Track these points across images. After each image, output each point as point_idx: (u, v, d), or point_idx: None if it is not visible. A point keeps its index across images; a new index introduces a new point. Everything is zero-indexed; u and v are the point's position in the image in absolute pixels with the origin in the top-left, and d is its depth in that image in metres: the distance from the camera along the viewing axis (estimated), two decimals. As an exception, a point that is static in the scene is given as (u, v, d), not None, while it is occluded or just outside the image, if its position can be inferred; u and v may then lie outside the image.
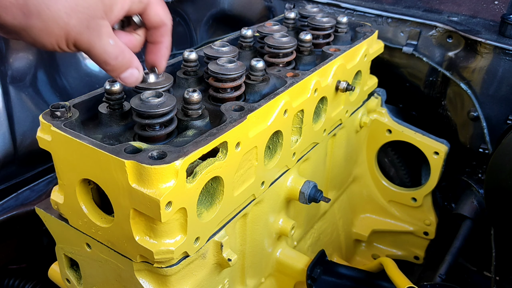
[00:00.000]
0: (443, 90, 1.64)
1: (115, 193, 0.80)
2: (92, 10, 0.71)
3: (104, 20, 0.73)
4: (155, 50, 0.86)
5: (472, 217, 1.58)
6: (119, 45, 0.77)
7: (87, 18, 0.71)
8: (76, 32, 0.70)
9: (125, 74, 0.80)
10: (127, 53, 0.78)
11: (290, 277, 1.25)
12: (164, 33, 0.84)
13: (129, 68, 0.80)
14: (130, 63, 0.79)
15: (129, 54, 0.79)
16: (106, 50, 0.75)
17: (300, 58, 1.24)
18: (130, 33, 0.84)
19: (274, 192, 1.12)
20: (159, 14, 0.82)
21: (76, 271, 1.06)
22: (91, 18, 0.71)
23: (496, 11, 1.57)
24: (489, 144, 1.50)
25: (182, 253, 0.85)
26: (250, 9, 2.00)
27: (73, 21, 0.69)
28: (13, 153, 1.41)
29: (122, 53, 0.77)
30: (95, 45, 0.73)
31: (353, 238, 1.78)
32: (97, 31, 0.72)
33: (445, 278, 1.49)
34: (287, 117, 1.04)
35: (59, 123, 0.85)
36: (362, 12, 1.70)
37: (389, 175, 1.80)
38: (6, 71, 1.44)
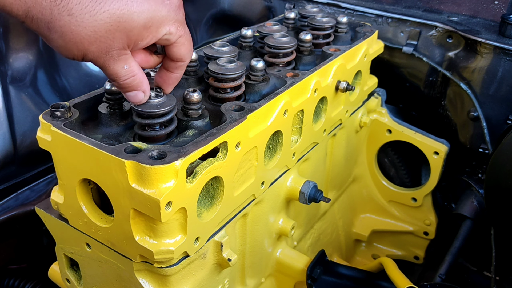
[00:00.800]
0: (443, 90, 1.64)
1: (115, 193, 0.80)
2: (115, 42, 0.73)
3: (125, 50, 0.75)
4: (165, 76, 0.88)
5: (472, 217, 1.58)
6: (132, 69, 0.79)
7: (107, 47, 0.73)
8: (93, 56, 0.73)
9: (131, 94, 0.82)
10: (138, 77, 0.80)
11: (290, 277, 1.25)
12: (179, 66, 0.86)
13: (136, 90, 0.82)
14: (138, 86, 0.81)
15: (139, 79, 0.80)
16: (118, 73, 0.77)
17: (300, 58, 1.24)
18: (150, 54, 0.85)
19: (274, 192, 1.12)
20: (181, 53, 0.83)
21: (76, 271, 1.06)
22: (112, 48, 0.73)
23: (496, 11, 1.57)
24: (489, 144, 1.50)
25: (182, 253, 0.85)
26: (250, 9, 2.00)
27: (93, 48, 0.71)
28: (13, 153, 1.41)
29: (132, 77, 0.79)
30: (109, 67, 0.76)
31: (353, 238, 1.78)
32: (114, 58, 0.75)
33: (445, 278, 1.49)
34: (287, 117, 1.04)
35: (59, 123, 0.85)
36: (362, 12, 1.70)
37: (389, 175, 1.80)
38: (6, 71, 1.44)
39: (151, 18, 0.74)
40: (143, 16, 0.73)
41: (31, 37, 1.50)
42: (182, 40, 0.82)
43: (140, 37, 0.75)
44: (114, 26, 0.71)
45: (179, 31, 0.80)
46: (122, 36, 0.72)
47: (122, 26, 0.71)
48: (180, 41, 0.81)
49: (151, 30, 0.75)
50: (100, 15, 0.69)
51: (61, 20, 0.68)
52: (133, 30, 0.73)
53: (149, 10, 0.73)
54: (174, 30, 0.78)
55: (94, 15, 0.69)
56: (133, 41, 0.75)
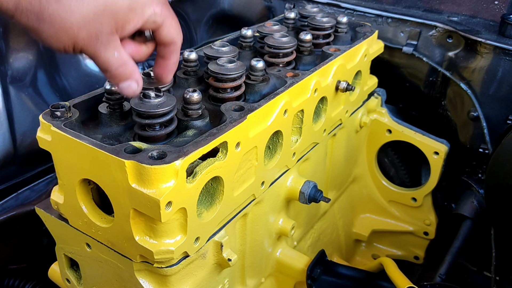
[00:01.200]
0: (443, 90, 1.64)
1: (115, 193, 0.80)
2: (103, 26, 0.74)
3: (113, 35, 0.76)
4: (162, 64, 0.88)
5: (472, 217, 1.58)
6: (123, 57, 0.79)
7: (96, 33, 0.73)
8: (83, 43, 0.74)
9: (123, 85, 0.82)
10: (130, 66, 0.81)
11: (290, 277, 1.25)
12: (173, 50, 0.86)
13: (128, 79, 0.81)
14: (130, 75, 0.81)
15: (131, 67, 0.81)
16: (109, 61, 0.78)
17: (300, 58, 1.24)
18: (139, 44, 0.85)
19: (274, 192, 1.12)
20: (170, 35, 0.84)
21: (76, 271, 1.06)
22: (101, 33, 0.74)
23: (496, 11, 1.57)
24: (489, 144, 1.50)
25: (182, 253, 0.85)
26: (250, 9, 2.00)
27: (82, 33, 0.72)
28: (13, 153, 1.41)
29: (124, 65, 0.79)
30: (100, 55, 0.76)
31: (353, 238, 1.78)
32: (104, 44, 0.75)
33: (445, 278, 1.49)
34: (287, 117, 1.04)
35: (59, 123, 0.85)
36: (362, 12, 1.70)
37: (389, 175, 1.80)
38: (6, 71, 1.44)
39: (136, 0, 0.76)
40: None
41: (31, 37, 1.50)
42: (169, 21, 0.82)
43: (127, 19, 0.76)
44: (101, 9, 0.72)
45: (164, 11, 0.81)
46: (109, 20, 0.74)
47: (109, 9, 0.73)
48: (167, 22, 0.82)
49: (137, 12, 0.77)
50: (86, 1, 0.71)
51: (49, 8, 0.69)
52: (119, 13, 0.74)
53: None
54: (158, 11, 0.79)
55: (81, 1, 0.71)
56: (120, 25, 0.76)
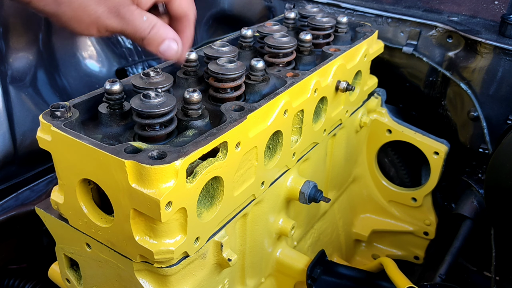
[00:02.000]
0: (443, 90, 1.64)
1: (115, 193, 0.80)
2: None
3: (133, 6, 0.76)
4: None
5: (472, 217, 1.58)
6: (152, 18, 0.78)
7: (116, 6, 0.73)
8: (105, 18, 0.73)
9: (163, 47, 0.81)
10: (162, 25, 0.79)
11: (290, 277, 1.25)
12: (186, 24, 0.87)
13: (166, 39, 0.80)
14: (166, 34, 0.80)
15: (163, 27, 0.80)
16: (140, 25, 0.76)
17: (300, 58, 1.24)
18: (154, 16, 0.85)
19: (274, 192, 1.12)
20: (183, 6, 0.84)
21: (76, 271, 1.06)
22: (120, 6, 0.73)
23: (496, 11, 1.57)
24: (489, 144, 1.50)
25: (182, 253, 0.85)
26: (250, 9, 2.00)
27: (101, 8, 0.72)
28: (13, 153, 1.42)
29: (155, 26, 0.78)
30: (128, 25, 0.75)
31: (353, 238, 1.78)
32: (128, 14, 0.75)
33: (445, 278, 1.49)
34: (287, 117, 1.04)
35: (59, 123, 0.85)
36: (362, 12, 1.70)
37: (389, 175, 1.80)
38: (6, 71, 1.44)
39: None
40: None
41: (31, 37, 1.50)
42: None
43: None
44: None
45: None
46: None
47: None
48: None
49: None
50: None
51: None
52: None
53: None
54: None
55: None
56: None
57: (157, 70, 0.97)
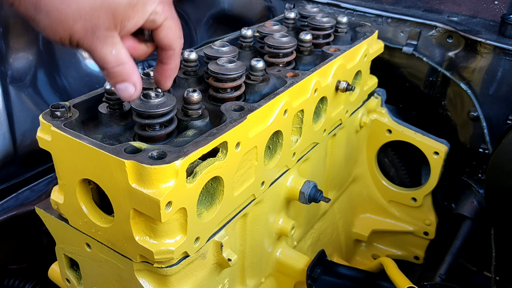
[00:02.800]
0: (443, 90, 1.64)
1: (115, 193, 0.80)
2: (100, 21, 0.71)
3: (112, 32, 0.74)
4: (161, 70, 0.86)
5: (472, 217, 1.58)
6: (121, 56, 0.76)
7: (92, 27, 0.71)
8: (79, 36, 0.72)
9: (120, 86, 0.79)
10: (128, 66, 0.77)
11: (290, 277, 1.25)
12: (171, 56, 0.84)
13: (125, 81, 0.78)
14: (128, 77, 0.78)
15: (129, 69, 0.78)
16: (106, 58, 0.75)
17: (300, 58, 1.24)
18: (139, 42, 0.83)
19: (274, 192, 1.12)
20: (168, 38, 0.81)
21: (76, 271, 1.06)
22: (97, 28, 0.72)
23: (496, 11, 1.57)
24: (489, 144, 1.50)
25: (182, 253, 0.85)
26: (250, 9, 2.00)
27: (78, 26, 0.71)
28: (13, 153, 1.42)
29: (122, 64, 0.77)
30: (96, 50, 0.74)
31: (353, 238, 1.78)
32: (101, 40, 0.73)
33: (445, 278, 1.49)
34: (287, 117, 1.04)
35: (59, 123, 0.85)
36: (362, 12, 1.70)
37: (389, 175, 1.80)
38: (6, 71, 1.44)
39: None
40: None
41: (31, 37, 1.50)
42: (169, 24, 0.80)
43: (126, 16, 0.73)
44: (99, 4, 0.70)
45: (165, 12, 0.78)
46: (107, 15, 0.71)
47: (107, 4, 0.71)
48: (167, 24, 0.79)
49: (137, 9, 0.74)
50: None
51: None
52: (118, 8, 0.72)
53: None
54: (160, 10, 0.77)
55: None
56: (119, 21, 0.73)
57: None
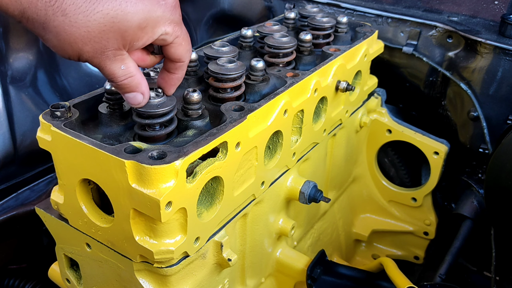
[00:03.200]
0: (443, 90, 1.64)
1: (115, 193, 0.80)
2: (110, 43, 0.72)
3: (120, 51, 0.75)
4: (167, 78, 0.87)
5: (472, 217, 1.58)
6: (130, 70, 0.78)
7: (101, 48, 0.72)
8: (88, 56, 0.73)
9: (129, 95, 0.81)
10: (136, 78, 0.79)
11: (290, 277, 1.25)
12: (179, 67, 0.86)
13: (134, 91, 0.81)
14: (136, 87, 0.80)
15: (137, 80, 0.80)
16: (115, 73, 0.77)
17: (300, 58, 1.24)
18: (147, 53, 0.84)
19: (274, 192, 1.12)
20: (178, 53, 0.83)
21: (76, 271, 1.06)
22: (106, 49, 0.73)
23: (496, 11, 1.57)
24: (489, 144, 1.50)
25: (182, 253, 0.85)
26: (250, 9, 2.00)
27: (87, 48, 0.71)
28: (13, 153, 1.42)
29: (130, 77, 0.78)
30: (105, 67, 0.75)
31: (353, 238, 1.78)
32: (110, 58, 0.74)
33: (445, 278, 1.49)
34: (287, 117, 1.04)
35: (59, 123, 0.85)
36: (362, 12, 1.70)
37: (389, 175, 1.80)
38: (6, 71, 1.44)
39: (146, 18, 0.74)
40: (138, 16, 0.72)
41: (31, 37, 1.50)
42: (179, 41, 0.81)
43: (136, 37, 0.74)
44: (108, 27, 0.70)
45: (175, 31, 0.79)
46: (116, 37, 0.72)
47: (116, 27, 0.71)
48: (177, 41, 0.81)
49: (147, 31, 0.75)
50: (93, 16, 0.69)
51: (55, 20, 0.68)
52: (127, 31, 0.73)
53: (144, 10, 0.73)
54: (170, 31, 0.78)
55: (88, 16, 0.69)
56: (128, 42, 0.74)
57: (157, 70, 0.97)
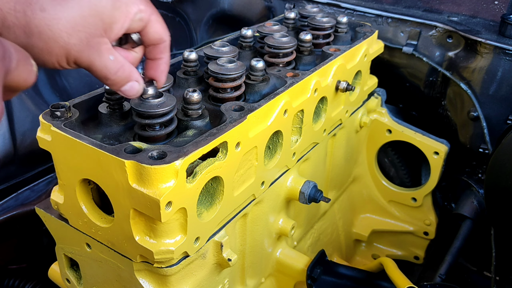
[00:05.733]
0: (443, 90, 1.64)
1: (115, 193, 0.80)
2: (92, 28, 0.72)
3: (103, 38, 0.74)
4: (154, 66, 0.87)
5: (472, 217, 1.58)
6: (119, 60, 0.77)
7: (86, 37, 0.72)
8: (76, 50, 0.72)
9: (125, 87, 0.80)
10: (127, 67, 0.79)
11: (290, 277, 1.25)
12: (163, 49, 0.85)
13: (129, 81, 0.80)
14: (130, 76, 0.80)
15: (129, 68, 0.79)
16: (107, 66, 0.76)
17: (300, 58, 1.24)
18: (128, 50, 0.84)
19: (274, 192, 1.13)
20: (158, 32, 0.82)
21: (76, 271, 1.06)
22: (91, 37, 0.72)
23: (496, 11, 1.57)
24: (489, 144, 1.50)
25: (182, 253, 0.85)
26: (250, 9, 2.00)
27: (73, 40, 0.71)
28: (13, 153, 1.42)
29: (122, 67, 0.78)
30: (95, 62, 0.75)
31: (353, 238, 1.78)
32: (97, 49, 0.74)
33: (445, 278, 1.49)
34: (287, 117, 1.04)
35: (59, 123, 0.85)
36: (362, 12, 1.70)
37: (389, 175, 1.80)
38: (6, 71, 1.44)
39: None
40: None
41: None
42: (155, 17, 0.81)
43: (113, 18, 0.74)
44: (86, 12, 0.71)
45: (149, 7, 0.79)
46: (96, 21, 0.72)
47: (94, 10, 0.72)
48: (153, 18, 0.81)
49: (122, 10, 0.75)
50: (70, 4, 0.69)
51: (35, 18, 0.67)
52: (104, 12, 0.73)
53: None
54: (143, 7, 0.78)
55: (65, 5, 0.69)
56: (108, 25, 0.74)
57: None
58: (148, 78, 0.88)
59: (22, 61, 0.63)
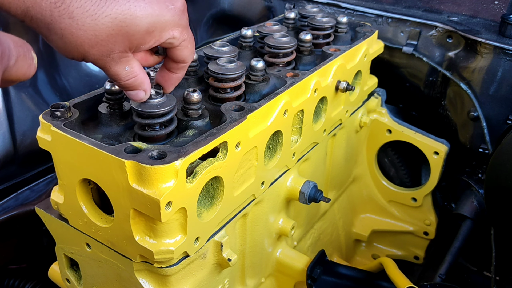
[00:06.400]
0: (443, 90, 1.64)
1: (115, 193, 0.80)
2: (117, 45, 0.72)
3: (126, 53, 0.74)
4: (167, 76, 0.87)
5: (472, 217, 1.58)
6: (134, 71, 0.78)
7: (108, 51, 0.72)
8: (93, 58, 0.72)
9: (131, 93, 0.81)
10: (140, 78, 0.79)
11: (290, 277, 1.25)
12: (182, 68, 0.86)
13: (137, 90, 0.81)
14: (139, 86, 0.81)
15: (140, 79, 0.80)
16: (118, 74, 0.76)
17: (300, 58, 1.24)
18: (151, 54, 0.84)
19: (274, 192, 1.13)
20: (183, 55, 0.83)
21: (76, 271, 1.06)
22: (113, 52, 0.72)
23: (496, 11, 1.57)
24: (489, 144, 1.50)
25: (182, 253, 0.85)
26: (250, 9, 2.00)
27: (93, 51, 0.71)
28: (13, 153, 1.42)
29: (134, 77, 0.78)
30: (110, 69, 0.75)
31: (353, 238, 1.78)
32: (115, 60, 0.74)
33: (445, 278, 1.49)
34: (287, 117, 1.04)
35: (59, 123, 0.85)
36: (362, 12, 1.70)
37: (389, 175, 1.80)
38: (6, 71, 1.44)
39: (154, 22, 0.73)
40: (146, 21, 0.72)
41: (31, 37, 1.50)
42: (185, 44, 0.81)
43: (143, 41, 0.74)
44: (116, 31, 0.70)
45: (182, 35, 0.79)
46: (123, 40, 0.72)
47: (124, 31, 0.70)
48: (183, 44, 0.81)
49: (154, 35, 0.74)
50: (102, 19, 0.68)
51: (61, 22, 0.67)
52: (135, 35, 0.72)
53: (153, 15, 0.72)
54: (177, 35, 0.78)
55: (96, 19, 0.68)
56: (134, 45, 0.74)
57: (157, 70, 0.96)
58: (157, 82, 0.88)
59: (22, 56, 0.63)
